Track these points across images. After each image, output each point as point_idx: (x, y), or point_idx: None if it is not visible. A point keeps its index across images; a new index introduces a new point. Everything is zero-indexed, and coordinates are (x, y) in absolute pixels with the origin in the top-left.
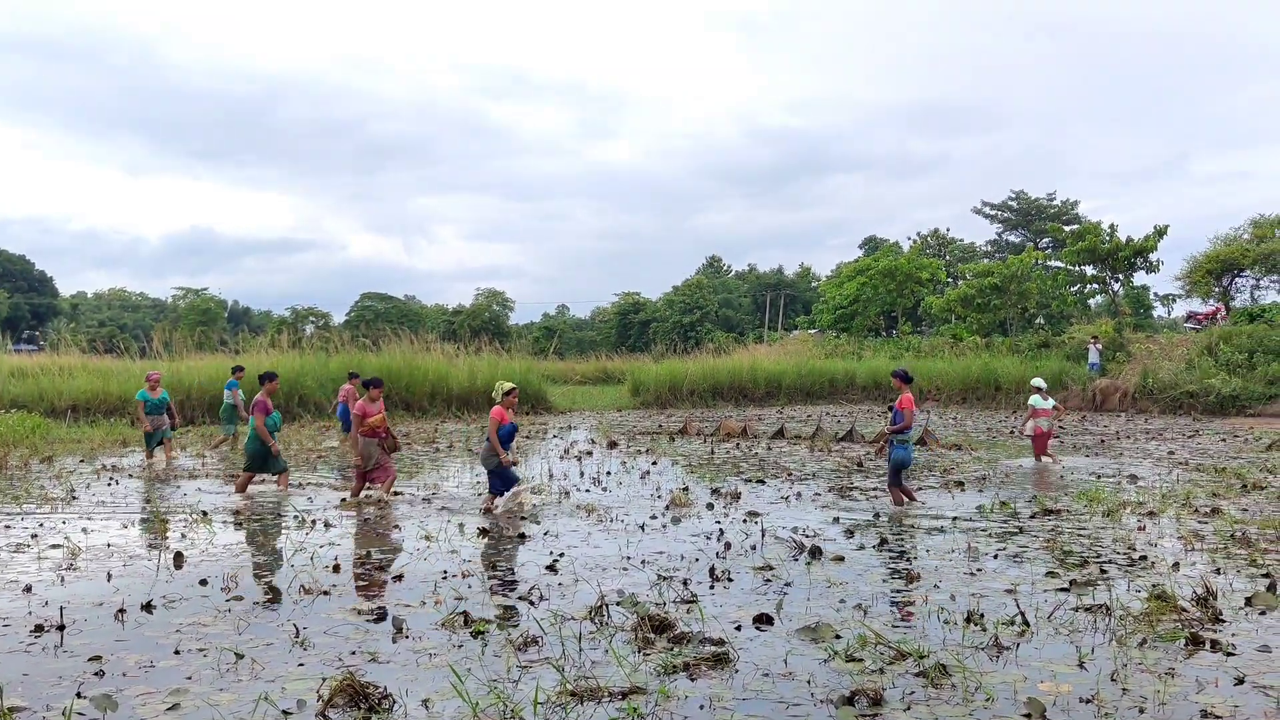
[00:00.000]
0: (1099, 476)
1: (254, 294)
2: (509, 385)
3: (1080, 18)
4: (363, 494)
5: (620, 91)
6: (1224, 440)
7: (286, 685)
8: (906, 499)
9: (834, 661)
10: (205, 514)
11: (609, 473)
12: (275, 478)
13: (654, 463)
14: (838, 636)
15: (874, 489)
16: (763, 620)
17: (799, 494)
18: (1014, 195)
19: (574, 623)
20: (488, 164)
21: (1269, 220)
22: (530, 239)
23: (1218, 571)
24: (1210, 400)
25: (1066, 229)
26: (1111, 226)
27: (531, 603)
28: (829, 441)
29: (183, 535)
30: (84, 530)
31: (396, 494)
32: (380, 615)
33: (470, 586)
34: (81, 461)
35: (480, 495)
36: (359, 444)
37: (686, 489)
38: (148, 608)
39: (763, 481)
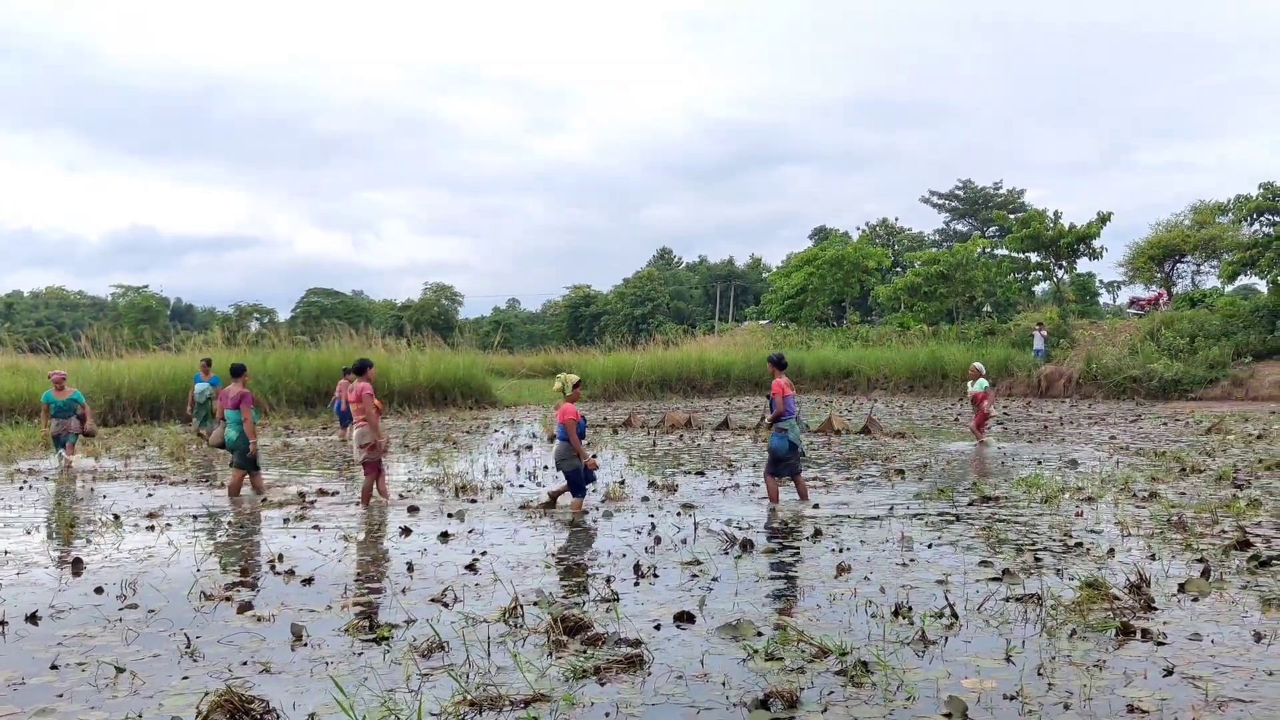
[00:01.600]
0: (1039, 462)
1: (198, 291)
2: (575, 377)
3: (1023, 12)
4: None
5: (569, 86)
6: (1165, 424)
7: (165, 701)
8: (801, 495)
9: (753, 661)
10: (117, 517)
11: (545, 467)
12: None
13: (594, 455)
14: (759, 634)
15: (813, 478)
16: (684, 618)
17: (737, 485)
18: (961, 185)
19: (486, 626)
20: (435, 159)
21: (1209, 206)
22: (479, 234)
23: (1153, 557)
24: (1153, 385)
25: (1011, 217)
26: (1055, 214)
27: (445, 605)
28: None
29: (88, 541)
30: None
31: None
32: (280, 622)
33: (382, 589)
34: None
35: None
36: (376, 426)
37: (623, 482)
38: (33, 619)
39: (701, 473)
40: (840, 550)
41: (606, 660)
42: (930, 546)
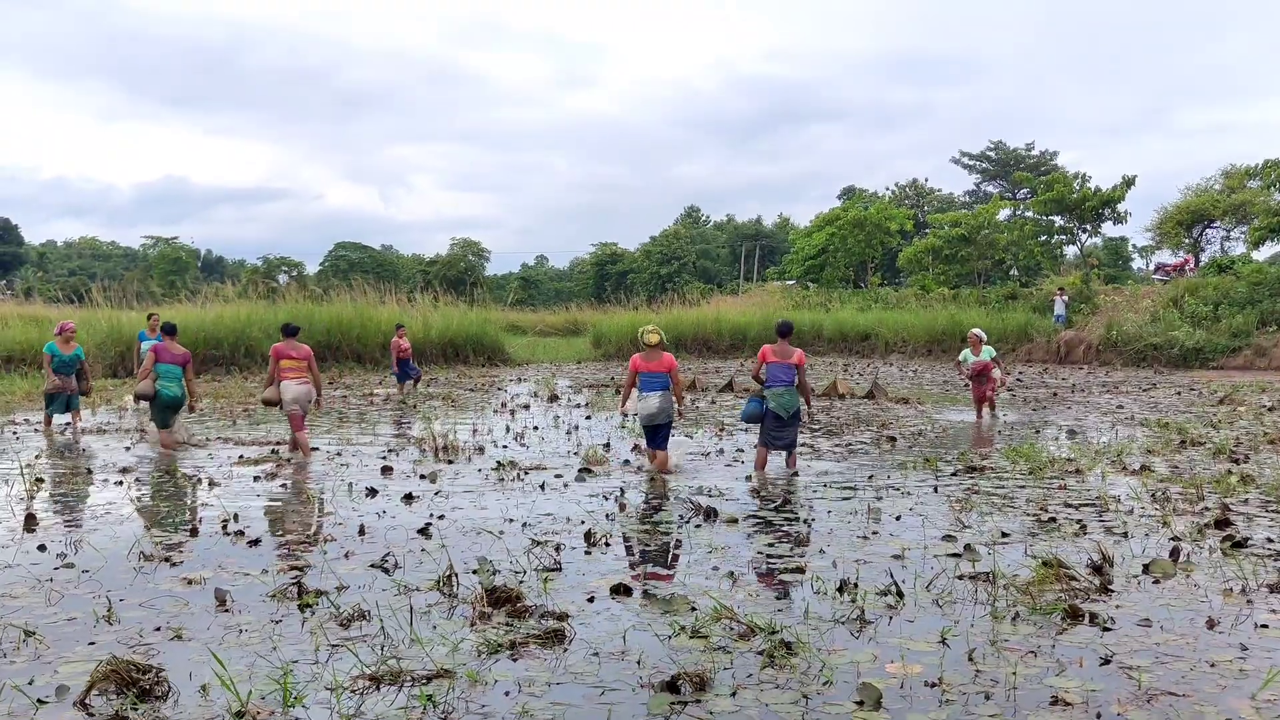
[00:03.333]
0: (1038, 431)
1: (228, 243)
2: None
3: None
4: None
5: (599, 40)
6: (1179, 393)
7: (62, 669)
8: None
9: (678, 638)
10: (90, 471)
11: (535, 428)
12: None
13: (588, 417)
14: (693, 609)
15: (803, 444)
16: (620, 591)
17: (721, 450)
18: (992, 146)
19: (419, 594)
20: (463, 113)
21: (1240, 170)
22: (507, 190)
23: (1125, 535)
24: (1174, 353)
25: (1035, 178)
26: (1081, 176)
27: (386, 570)
28: None
29: (51, 496)
30: None
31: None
32: (211, 586)
33: (325, 553)
34: None
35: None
36: (270, 382)
37: (608, 445)
38: None
39: (690, 436)
40: (804, 522)
41: (526, 635)
42: (898, 519)
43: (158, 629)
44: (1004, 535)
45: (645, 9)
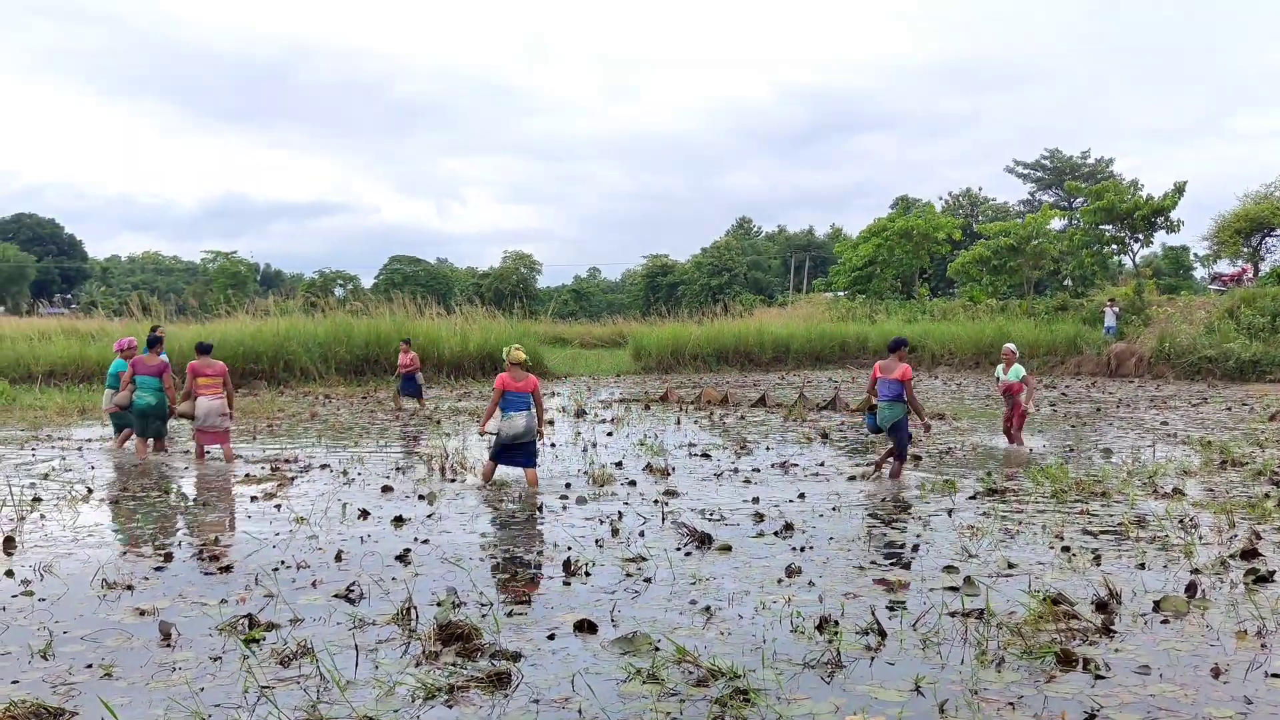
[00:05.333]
0: (1071, 449)
1: (287, 257)
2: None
3: None
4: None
5: (646, 51)
6: (1229, 409)
7: None
8: (887, 470)
9: (630, 683)
10: (90, 491)
11: (552, 445)
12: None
13: (609, 434)
14: (656, 649)
15: (821, 463)
16: (584, 628)
17: (736, 469)
18: (1047, 154)
19: (374, 628)
20: (513, 126)
21: None
22: (558, 201)
23: (1142, 565)
24: (1229, 365)
25: (1085, 186)
26: (1133, 184)
27: (350, 600)
28: (804, 411)
29: (42, 516)
30: None
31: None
32: (162, 616)
33: (294, 581)
34: (24, 430)
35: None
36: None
37: (620, 463)
38: None
39: (708, 455)
40: (801, 550)
41: (469, 678)
42: (903, 547)
43: (89, 666)
44: (1010, 566)
45: (693, 20)
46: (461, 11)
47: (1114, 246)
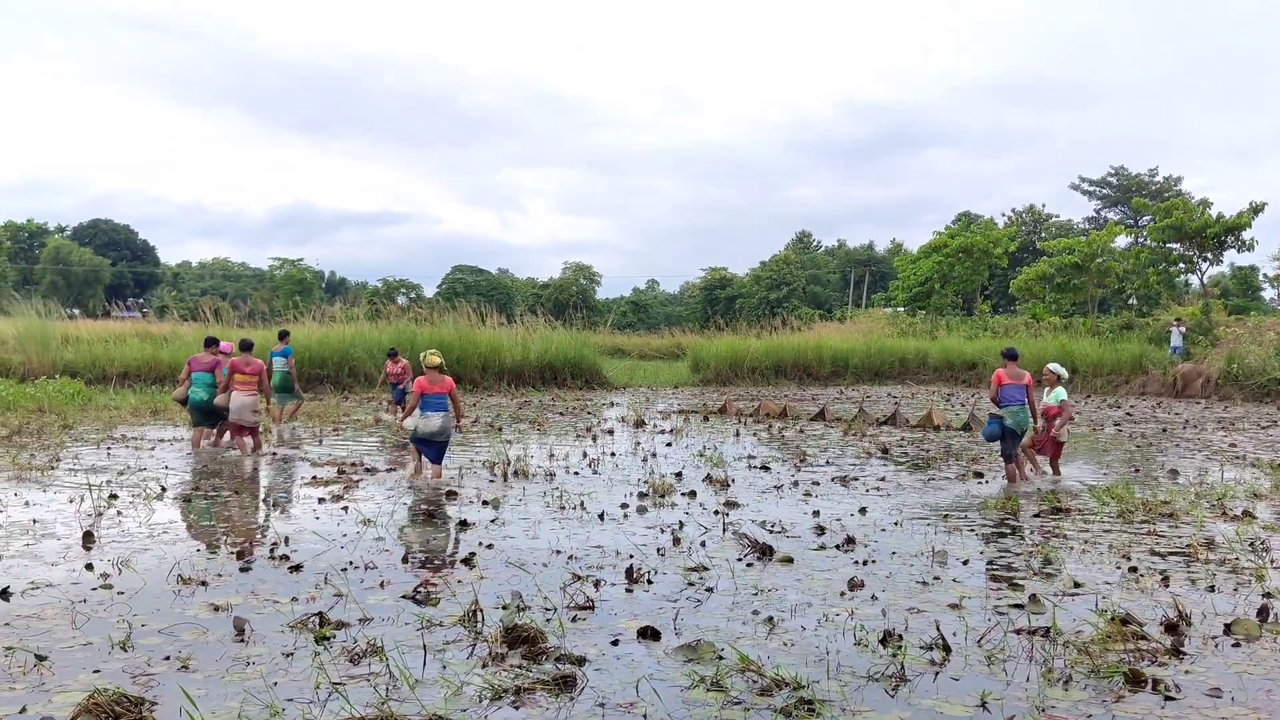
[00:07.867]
0: (1137, 470)
1: (351, 265)
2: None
3: None
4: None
5: (707, 64)
6: None
7: (56, 698)
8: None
9: (694, 690)
10: (164, 489)
11: (612, 454)
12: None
13: (669, 444)
14: (720, 657)
15: (881, 478)
16: (648, 634)
17: (796, 482)
18: (1113, 171)
19: (441, 630)
20: (574, 137)
21: None
22: (617, 213)
23: (1212, 588)
24: None
25: (1151, 204)
26: (1203, 202)
27: (417, 601)
28: (864, 425)
29: (119, 513)
30: (26, 504)
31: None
32: (236, 613)
33: (362, 581)
34: (100, 429)
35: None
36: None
37: (680, 474)
38: (3, 594)
39: (767, 468)
40: (864, 563)
41: (535, 680)
42: (965, 563)
43: (166, 658)
44: (1076, 585)
45: (754, 33)
46: (524, 24)
47: (1181, 265)
